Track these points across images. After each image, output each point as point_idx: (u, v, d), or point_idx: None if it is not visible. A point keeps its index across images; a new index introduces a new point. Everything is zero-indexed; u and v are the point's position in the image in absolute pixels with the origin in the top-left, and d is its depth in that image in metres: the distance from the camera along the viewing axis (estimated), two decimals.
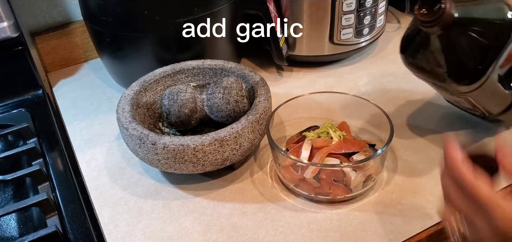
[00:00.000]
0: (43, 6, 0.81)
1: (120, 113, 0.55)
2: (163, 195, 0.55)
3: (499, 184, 0.39)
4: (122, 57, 0.70)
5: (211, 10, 0.66)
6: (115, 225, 0.51)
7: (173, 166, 0.51)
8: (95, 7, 0.66)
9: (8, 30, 0.72)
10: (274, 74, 0.79)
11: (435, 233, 0.48)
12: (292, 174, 0.51)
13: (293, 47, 0.77)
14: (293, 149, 0.55)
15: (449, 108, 0.65)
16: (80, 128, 0.68)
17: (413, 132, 0.62)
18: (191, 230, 0.50)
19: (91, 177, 0.59)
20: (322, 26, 0.74)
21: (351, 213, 0.50)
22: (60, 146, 0.64)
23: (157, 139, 0.50)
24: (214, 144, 0.49)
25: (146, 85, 0.61)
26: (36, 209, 0.53)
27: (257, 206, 0.52)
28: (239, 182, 0.56)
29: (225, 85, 0.56)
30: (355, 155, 0.53)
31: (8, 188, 0.59)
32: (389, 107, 0.67)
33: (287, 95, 0.62)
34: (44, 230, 0.48)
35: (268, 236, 0.48)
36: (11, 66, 0.75)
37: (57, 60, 0.84)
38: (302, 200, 0.52)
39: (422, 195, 0.51)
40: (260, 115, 0.53)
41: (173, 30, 0.64)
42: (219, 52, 0.71)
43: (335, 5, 0.71)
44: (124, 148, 0.62)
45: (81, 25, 0.83)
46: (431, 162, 0.56)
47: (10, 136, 0.66)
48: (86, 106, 0.74)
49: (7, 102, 0.74)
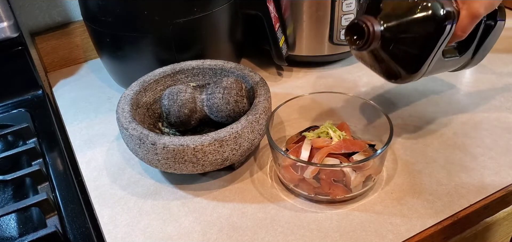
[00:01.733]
0: (43, 6, 0.81)
1: (120, 114, 0.55)
2: (163, 195, 0.55)
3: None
4: (122, 57, 0.70)
5: (210, 10, 0.66)
6: (115, 225, 0.51)
7: (173, 166, 0.51)
8: (95, 7, 0.66)
9: (8, 30, 0.72)
10: (274, 74, 0.79)
11: (435, 233, 0.48)
12: (292, 174, 0.51)
13: (293, 47, 0.77)
14: (293, 149, 0.55)
15: (450, 108, 0.66)
16: (80, 128, 0.68)
17: (413, 132, 0.62)
18: (191, 230, 0.50)
19: (91, 177, 0.59)
20: (322, 26, 0.74)
21: (351, 213, 0.50)
22: (60, 146, 0.64)
23: (157, 139, 0.50)
24: (214, 144, 0.49)
25: (146, 85, 0.61)
26: (36, 209, 0.53)
27: (257, 206, 0.52)
28: (239, 182, 0.56)
29: (225, 85, 0.56)
30: (355, 155, 0.53)
31: (8, 188, 0.59)
32: (389, 107, 0.67)
33: (287, 95, 0.62)
34: (44, 230, 0.48)
35: (268, 236, 0.48)
36: (11, 66, 0.75)
37: (57, 60, 0.84)
38: (302, 200, 0.52)
39: (422, 195, 0.51)
40: (260, 116, 0.53)
41: (173, 30, 0.64)
42: (219, 52, 0.71)
43: (335, 5, 0.71)
44: (124, 148, 0.62)
45: (81, 25, 0.83)
46: (431, 162, 0.56)
47: (10, 136, 0.66)
48: (86, 106, 0.74)
49: (7, 102, 0.74)
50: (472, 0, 0.48)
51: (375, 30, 0.49)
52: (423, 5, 0.48)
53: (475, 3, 0.48)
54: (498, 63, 0.76)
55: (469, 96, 0.68)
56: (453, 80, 0.72)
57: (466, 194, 0.51)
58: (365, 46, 0.50)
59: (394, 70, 0.53)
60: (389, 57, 0.52)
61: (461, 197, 0.51)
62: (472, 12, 0.49)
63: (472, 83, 0.72)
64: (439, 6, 0.48)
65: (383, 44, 0.51)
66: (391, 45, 0.50)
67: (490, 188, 0.52)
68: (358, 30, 0.50)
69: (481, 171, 0.54)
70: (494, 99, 0.67)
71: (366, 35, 0.49)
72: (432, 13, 0.48)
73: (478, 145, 0.58)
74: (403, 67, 0.52)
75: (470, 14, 0.49)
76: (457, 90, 0.70)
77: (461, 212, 0.49)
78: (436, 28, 0.48)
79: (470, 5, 0.49)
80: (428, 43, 0.49)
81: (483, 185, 0.52)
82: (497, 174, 0.54)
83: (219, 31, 0.70)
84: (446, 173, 0.54)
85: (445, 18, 0.48)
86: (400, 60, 0.51)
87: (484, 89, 0.70)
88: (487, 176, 0.53)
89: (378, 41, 0.50)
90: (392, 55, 0.51)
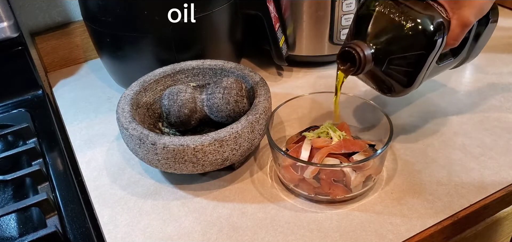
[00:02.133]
0: (43, 6, 0.81)
1: (120, 114, 0.55)
2: (163, 195, 0.55)
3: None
4: (122, 57, 0.70)
5: (211, 10, 0.66)
6: (115, 225, 0.51)
7: (173, 166, 0.51)
8: (95, 7, 0.66)
9: (8, 30, 0.72)
10: (274, 74, 0.79)
11: (435, 233, 0.48)
12: (292, 174, 0.51)
13: (293, 47, 0.77)
14: (293, 149, 0.55)
15: (449, 108, 0.66)
16: (80, 128, 0.68)
17: (413, 132, 0.62)
18: (191, 230, 0.50)
19: (91, 177, 0.59)
20: (322, 26, 0.74)
21: (351, 213, 0.50)
22: (60, 146, 0.64)
23: (157, 139, 0.50)
24: (214, 144, 0.49)
25: (146, 86, 0.61)
26: (36, 209, 0.53)
27: (257, 206, 0.52)
28: (239, 182, 0.56)
29: (225, 85, 0.56)
30: (355, 155, 0.53)
31: (8, 188, 0.59)
32: (389, 107, 0.67)
33: (287, 95, 0.62)
34: (44, 230, 0.48)
35: (268, 236, 0.48)
36: (11, 66, 0.75)
37: (57, 60, 0.84)
38: (302, 200, 0.52)
39: (422, 195, 0.51)
40: (260, 116, 0.53)
41: (173, 30, 0.64)
42: (219, 52, 0.71)
43: (335, 5, 0.71)
44: (124, 148, 0.62)
45: (80, 25, 0.83)
46: (431, 162, 0.56)
47: (10, 136, 0.66)
48: (86, 106, 0.74)
49: (7, 102, 0.74)
50: (462, 9, 0.48)
51: (365, 55, 0.49)
52: (411, 22, 0.48)
53: (465, 11, 0.48)
54: (498, 63, 0.76)
55: (469, 96, 0.68)
56: (453, 80, 0.72)
57: (466, 194, 0.51)
58: (358, 71, 0.50)
59: (388, 86, 0.53)
60: (382, 75, 0.52)
61: (461, 197, 0.51)
62: (462, 21, 0.48)
63: (472, 83, 0.72)
64: (428, 21, 0.47)
65: (376, 64, 0.51)
66: (384, 65, 0.50)
67: (490, 188, 0.52)
68: (349, 56, 0.50)
69: (481, 171, 0.54)
70: (494, 99, 0.67)
71: (358, 62, 0.49)
72: (421, 28, 0.47)
73: (478, 145, 0.58)
74: (397, 83, 0.52)
75: (461, 23, 0.49)
76: (457, 90, 0.70)
77: (461, 212, 0.49)
78: (427, 43, 0.48)
79: (460, 14, 0.48)
80: (420, 58, 0.49)
81: (483, 185, 0.52)
82: (497, 174, 0.54)
83: (219, 31, 0.70)
84: (446, 173, 0.54)
85: (435, 32, 0.47)
86: (393, 77, 0.51)
87: (484, 89, 0.70)
88: (487, 176, 0.53)
89: (371, 63, 0.50)
90: (385, 73, 0.51)
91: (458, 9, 0.48)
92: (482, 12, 0.49)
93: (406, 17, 0.48)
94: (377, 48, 0.49)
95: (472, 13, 0.48)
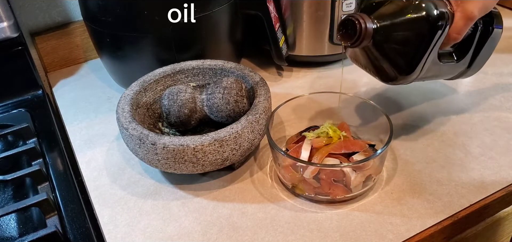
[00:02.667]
0: (43, 6, 0.81)
1: (120, 114, 0.55)
2: (163, 195, 0.55)
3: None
4: (122, 57, 0.70)
5: (211, 11, 0.66)
6: (115, 225, 0.51)
7: (173, 166, 0.51)
8: (95, 7, 0.66)
9: (8, 30, 0.72)
10: (274, 74, 0.79)
11: (435, 233, 0.48)
12: (292, 174, 0.51)
13: (293, 47, 0.77)
14: (293, 149, 0.55)
15: (449, 108, 0.66)
16: (80, 128, 0.68)
17: (413, 132, 0.62)
18: (191, 230, 0.50)
19: (91, 177, 0.59)
20: (322, 26, 0.74)
21: (351, 213, 0.50)
22: (60, 146, 0.64)
23: (157, 139, 0.50)
24: (214, 144, 0.49)
25: (146, 85, 0.61)
26: (36, 209, 0.53)
27: (257, 206, 0.52)
28: (239, 182, 0.56)
29: (225, 85, 0.56)
30: (355, 155, 0.53)
31: (8, 188, 0.59)
32: (389, 107, 0.67)
33: (287, 95, 0.62)
34: (44, 230, 0.48)
35: (268, 236, 0.48)
36: (11, 66, 0.75)
37: (57, 60, 0.84)
38: (302, 200, 0.52)
39: (422, 195, 0.51)
40: (259, 116, 0.53)
41: (173, 30, 0.64)
42: (219, 52, 0.71)
43: (335, 5, 0.71)
44: (124, 148, 0.62)
45: (80, 25, 0.83)
46: (431, 162, 0.56)
47: (10, 136, 0.66)
48: (86, 106, 0.74)
49: (7, 102, 0.75)
50: (466, 2, 0.49)
51: (367, 27, 0.49)
52: (416, 6, 0.49)
53: (469, 5, 0.49)
54: (498, 63, 0.76)
55: (469, 96, 0.68)
56: (453, 80, 0.72)
57: (466, 194, 0.51)
58: (356, 42, 0.50)
59: (388, 71, 0.53)
60: (383, 57, 0.52)
61: (461, 197, 0.51)
62: (466, 14, 0.49)
63: (472, 83, 0.72)
64: (432, 7, 0.48)
65: (377, 43, 0.51)
66: (385, 44, 0.51)
67: (490, 188, 0.52)
68: (351, 26, 0.50)
69: (481, 171, 0.54)
70: (494, 99, 0.67)
71: (358, 32, 0.49)
72: (425, 13, 0.48)
73: (478, 145, 0.58)
74: (397, 68, 0.52)
75: (464, 16, 0.49)
76: (457, 90, 0.70)
77: (461, 212, 0.49)
78: (429, 28, 0.49)
79: (464, 7, 0.49)
80: (421, 43, 0.50)
81: (483, 185, 0.52)
82: (497, 174, 0.54)
83: (219, 31, 0.70)
84: (446, 173, 0.54)
85: (439, 18, 0.48)
86: (393, 61, 0.51)
87: (484, 89, 0.70)
88: (487, 176, 0.53)
89: (370, 39, 0.50)
90: (385, 55, 0.51)
91: (462, 2, 0.49)
92: (486, 9, 0.50)
93: (412, 0, 0.49)
94: (380, 24, 0.50)
95: (476, 7, 0.49)
